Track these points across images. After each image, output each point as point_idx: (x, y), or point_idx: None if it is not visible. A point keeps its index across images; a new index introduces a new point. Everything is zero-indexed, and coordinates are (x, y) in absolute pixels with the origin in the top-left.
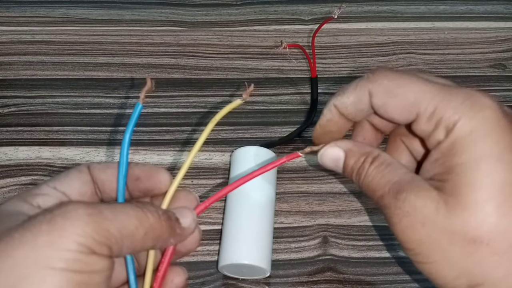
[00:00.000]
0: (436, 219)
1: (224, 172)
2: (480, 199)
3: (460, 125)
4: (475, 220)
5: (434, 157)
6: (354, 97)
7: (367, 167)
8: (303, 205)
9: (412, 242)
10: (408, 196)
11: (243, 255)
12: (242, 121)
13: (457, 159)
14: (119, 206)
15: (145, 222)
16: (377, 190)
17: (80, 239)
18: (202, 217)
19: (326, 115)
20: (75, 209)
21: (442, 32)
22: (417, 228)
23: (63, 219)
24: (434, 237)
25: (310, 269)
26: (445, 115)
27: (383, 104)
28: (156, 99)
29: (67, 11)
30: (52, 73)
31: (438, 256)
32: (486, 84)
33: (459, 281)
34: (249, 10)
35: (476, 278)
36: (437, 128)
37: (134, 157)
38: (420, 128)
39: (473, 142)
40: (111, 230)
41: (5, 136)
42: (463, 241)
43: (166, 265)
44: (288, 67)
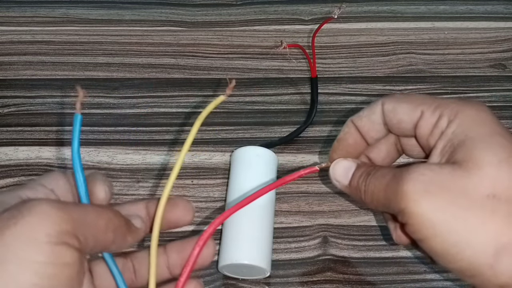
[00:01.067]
0: (454, 179)
1: (224, 172)
2: (495, 160)
3: (463, 112)
4: (493, 177)
5: (440, 146)
6: (368, 110)
7: (371, 174)
8: (303, 205)
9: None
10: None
11: (243, 255)
12: (242, 121)
13: (465, 136)
14: (80, 204)
15: (103, 213)
16: (379, 189)
17: (49, 229)
18: (202, 217)
19: (344, 129)
20: (39, 203)
21: (442, 32)
22: (436, 192)
23: (29, 212)
24: (453, 200)
25: (310, 269)
26: (447, 108)
27: (393, 108)
28: (156, 99)
29: (67, 11)
30: (52, 73)
31: (461, 221)
32: (486, 84)
33: (484, 246)
34: (249, 10)
35: (502, 236)
36: (441, 118)
37: (134, 157)
38: (425, 121)
39: (477, 122)
40: (75, 218)
41: (5, 136)
42: (484, 198)
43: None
44: (288, 67)
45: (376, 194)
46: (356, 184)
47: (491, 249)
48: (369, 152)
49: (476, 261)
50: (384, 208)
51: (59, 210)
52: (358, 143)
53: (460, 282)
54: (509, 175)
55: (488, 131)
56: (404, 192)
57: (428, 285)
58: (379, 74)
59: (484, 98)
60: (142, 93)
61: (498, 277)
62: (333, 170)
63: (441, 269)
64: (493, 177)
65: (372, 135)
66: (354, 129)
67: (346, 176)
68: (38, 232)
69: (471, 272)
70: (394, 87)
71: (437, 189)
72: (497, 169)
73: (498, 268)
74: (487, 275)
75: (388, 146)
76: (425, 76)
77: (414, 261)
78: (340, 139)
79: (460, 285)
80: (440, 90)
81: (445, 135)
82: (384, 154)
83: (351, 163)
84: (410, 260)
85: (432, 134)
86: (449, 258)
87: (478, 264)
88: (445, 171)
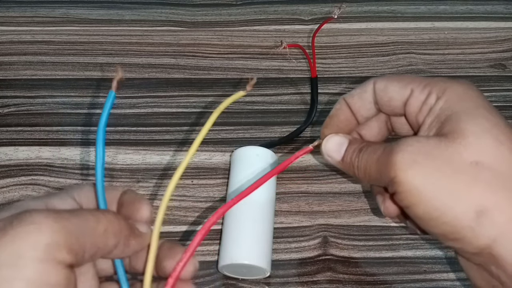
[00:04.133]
0: (439, 148)
1: (224, 172)
2: (477, 131)
3: (450, 89)
4: (477, 146)
5: (428, 122)
6: (360, 89)
7: (363, 150)
8: (303, 205)
9: (417, 178)
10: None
11: (243, 255)
12: (242, 121)
13: (451, 111)
14: (76, 210)
15: (102, 218)
16: (371, 163)
17: (38, 242)
18: (202, 217)
19: (335, 106)
20: (31, 214)
21: (442, 32)
22: (422, 161)
23: (19, 223)
24: (438, 167)
25: (310, 269)
26: (435, 86)
27: (384, 87)
28: (156, 99)
29: (67, 11)
30: (52, 73)
31: (444, 187)
32: (486, 84)
33: (466, 209)
34: (249, 10)
35: (482, 201)
36: (429, 96)
37: (134, 157)
38: (414, 99)
39: (464, 98)
40: (69, 228)
41: (5, 136)
42: (467, 165)
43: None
44: (288, 67)
45: (368, 168)
46: (349, 159)
47: (472, 213)
48: (360, 129)
49: (458, 224)
50: (376, 181)
51: (51, 220)
52: (349, 120)
53: (460, 282)
54: (492, 144)
55: (473, 105)
56: (393, 163)
57: (428, 285)
58: (379, 74)
59: None
60: (142, 93)
61: (479, 239)
62: (325, 145)
63: (441, 269)
64: (476, 145)
65: (362, 113)
66: (345, 106)
67: (339, 152)
68: (28, 247)
69: (453, 235)
70: None
71: (424, 158)
72: (481, 138)
73: (479, 231)
74: (468, 238)
75: (379, 123)
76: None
77: (414, 261)
78: (332, 115)
79: (461, 285)
80: None
81: (433, 111)
82: (375, 131)
83: (343, 138)
84: (410, 260)
85: (421, 111)
86: (432, 223)
87: (460, 227)
88: (432, 142)
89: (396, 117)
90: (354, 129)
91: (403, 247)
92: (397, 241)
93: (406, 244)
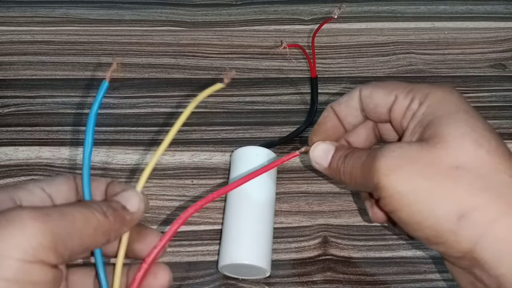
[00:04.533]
0: (421, 154)
1: (224, 172)
2: (458, 134)
3: (432, 94)
4: (457, 149)
5: (411, 127)
6: (347, 96)
7: (349, 156)
8: (303, 205)
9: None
10: (390, 146)
11: (243, 255)
12: (242, 121)
13: (433, 115)
14: (65, 207)
15: (92, 218)
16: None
17: (24, 244)
18: (202, 217)
19: (323, 114)
20: (19, 213)
21: (442, 32)
22: (404, 166)
23: (7, 223)
24: (420, 172)
25: (310, 269)
26: (418, 91)
27: (370, 94)
28: (156, 99)
29: (67, 11)
30: (52, 73)
31: (426, 191)
32: (486, 84)
33: (447, 213)
34: (249, 10)
35: (464, 203)
36: (412, 101)
37: (134, 157)
38: (398, 104)
39: (445, 102)
40: (57, 231)
41: (5, 136)
42: (448, 168)
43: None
44: (288, 67)
45: (354, 173)
46: (335, 166)
47: (454, 216)
48: (348, 136)
49: (440, 227)
50: (361, 186)
51: (40, 223)
52: (336, 127)
53: None
54: (472, 147)
55: (454, 109)
56: (376, 168)
57: (428, 285)
58: (379, 74)
59: (484, 98)
60: (142, 93)
61: (461, 243)
62: (312, 153)
63: (441, 269)
64: (456, 149)
65: (349, 120)
66: (332, 114)
67: (326, 158)
68: (12, 247)
69: (436, 239)
70: None
71: (406, 163)
72: (461, 141)
73: (460, 234)
74: (450, 241)
75: (367, 130)
76: (425, 76)
77: (414, 261)
78: (320, 122)
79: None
80: None
81: (416, 116)
82: (362, 138)
83: (329, 145)
84: (410, 260)
85: (404, 116)
86: (415, 227)
87: (442, 230)
88: (413, 147)
89: (383, 124)
90: (341, 136)
91: (403, 247)
92: (397, 241)
93: (406, 244)
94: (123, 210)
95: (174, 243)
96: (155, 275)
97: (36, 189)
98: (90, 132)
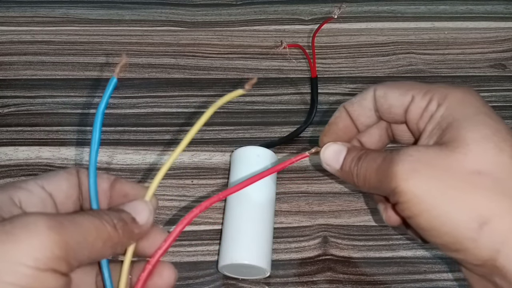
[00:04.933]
0: (440, 157)
1: (224, 172)
2: (478, 138)
3: (451, 96)
4: (477, 154)
5: (429, 129)
6: (360, 96)
7: (362, 158)
8: (303, 205)
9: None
10: (408, 150)
11: (243, 255)
12: (242, 121)
13: (452, 118)
14: (78, 217)
15: (103, 232)
16: (370, 172)
17: (38, 253)
18: (202, 217)
19: (335, 114)
20: (35, 221)
21: (442, 32)
22: (423, 170)
23: (22, 231)
24: (439, 176)
25: (310, 269)
26: (436, 92)
27: (384, 94)
28: (156, 99)
29: (67, 11)
30: (52, 73)
31: (445, 196)
32: (486, 84)
33: (467, 219)
34: (249, 10)
35: (485, 210)
36: (430, 102)
37: (134, 157)
38: (415, 105)
39: (464, 104)
40: (70, 243)
41: (5, 136)
42: (468, 173)
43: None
44: (288, 67)
45: (368, 177)
46: (348, 168)
47: (474, 223)
48: (360, 136)
49: (460, 235)
50: (376, 190)
51: (55, 234)
52: (349, 128)
53: (460, 283)
54: (493, 151)
55: (473, 111)
56: (394, 173)
57: (428, 285)
58: (379, 74)
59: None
60: (142, 93)
61: (481, 250)
62: (323, 154)
63: (441, 269)
64: (477, 153)
65: (362, 120)
66: (345, 114)
67: (337, 160)
68: (26, 255)
69: (455, 246)
70: None
71: (424, 167)
72: (481, 145)
73: (481, 242)
74: (470, 249)
75: (380, 131)
76: (425, 76)
77: (414, 261)
78: (331, 123)
79: (460, 285)
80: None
81: (434, 118)
82: (375, 139)
83: (341, 146)
84: (410, 260)
85: (422, 118)
86: (434, 233)
87: (461, 238)
88: (432, 151)
89: (397, 125)
90: (354, 137)
91: (403, 247)
92: (397, 241)
93: (406, 244)
94: (132, 223)
95: (174, 243)
96: (161, 274)
97: (36, 188)
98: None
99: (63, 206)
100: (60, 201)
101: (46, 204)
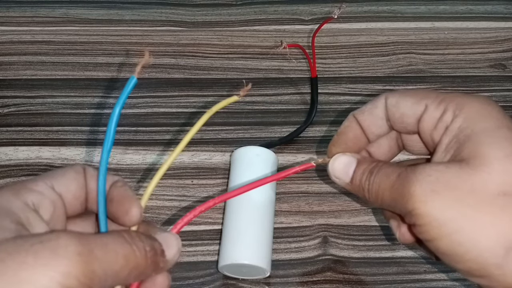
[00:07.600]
0: (461, 178)
1: (224, 172)
2: (502, 155)
3: (468, 106)
4: (502, 174)
5: (445, 142)
6: (371, 104)
7: (374, 172)
8: (303, 205)
9: (438, 210)
10: (425, 169)
11: (243, 255)
12: (242, 121)
13: (471, 131)
14: (110, 242)
15: (131, 261)
16: (384, 190)
17: (65, 280)
18: (202, 217)
19: (344, 123)
20: (66, 245)
21: (442, 32)
22: (443, 192)
23: (52, 255)
24: (461, 198)
25: (310, 269)
26: (452, 102)
27: (396, 102)
28: (156, 99)
29: (67, 11)
30: (52, 73)
31: (468, 220)
32: (486, 84)
33: (493, 245)
34: (249, 10)
35: (511, 236)
36: (445, 112)
37: (134, 157)
38: (429, 115)
39: (483, 116)
40: (97, 272)
41: (5, 136)
42: (492, 195)
43: None
44: (288, 67)
45: (381, 194)
46: (358, 182)
47: (500, 249)
48: (369, 147)
49: (485, 261)
50: (389, 208)
51: (83, 261)
52: (359, 138)
53: (460, 283)
54: None
55: (494, 124)
56: (411, 194)
57: (428, 285)
58: (379, 74)
59: None
60: (142, 93)
61: (507, 276)
62: (332, 166)
63: (441, 269)
64: (501, 173)
65: (373, 130)
66: (355, 123)
67: (347, 173)
68: (52, 281)
69: (479, 272)
70: (394, 87)
71: (445, 188)
72: (505, 164)
73: (508, 268)
74: (496, 276)
75: (390, 141)
76: (425, 76)
77: (414, 261)
78: (340, 132)
79: (460, 285)
80: (440, 90)
81: (450, 130)
82: (385, 149)
83: (351, 158)
84: (410, 260)
85: (436, 129)
86: (456, 259)
87: (486, 264)
88: (452, 170)
89: (409, 135)
90: (363, 148)
91: (403, 247)
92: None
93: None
94: (161, 255)
95: None
96: (154, 281)
97: (47, 190)
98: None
99: (71, 207)
100: (69, 201)
101: (57, 205)
